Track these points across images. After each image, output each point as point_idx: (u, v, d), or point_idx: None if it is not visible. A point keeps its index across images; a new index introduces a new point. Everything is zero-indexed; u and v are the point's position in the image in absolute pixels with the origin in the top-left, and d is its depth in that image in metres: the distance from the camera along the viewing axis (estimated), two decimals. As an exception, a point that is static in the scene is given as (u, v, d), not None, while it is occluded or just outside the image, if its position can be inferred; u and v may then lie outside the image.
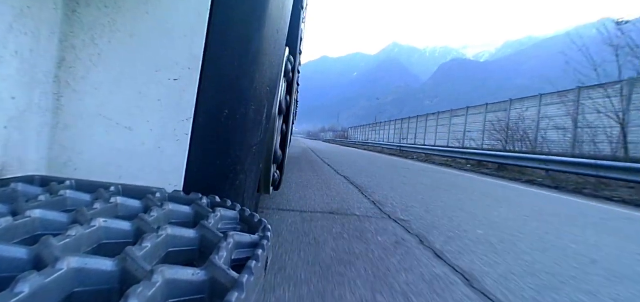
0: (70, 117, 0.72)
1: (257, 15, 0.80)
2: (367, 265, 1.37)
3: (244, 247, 0.47)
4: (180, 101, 0.74)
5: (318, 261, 1.37)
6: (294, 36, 1.48)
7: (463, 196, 3.72)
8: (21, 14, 0.62)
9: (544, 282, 1.37)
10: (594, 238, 2.29)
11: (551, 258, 1.71)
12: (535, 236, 2.15)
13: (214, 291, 0.35)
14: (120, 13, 0.72)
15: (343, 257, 1.43)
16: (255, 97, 0.83)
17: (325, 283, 1.17)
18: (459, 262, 1.50)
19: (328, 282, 1.17)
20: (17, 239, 0.40)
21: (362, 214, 2.33)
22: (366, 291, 1.13)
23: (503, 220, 2.58)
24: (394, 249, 1.61)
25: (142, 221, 0.47)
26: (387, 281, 1.23)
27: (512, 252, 1.74)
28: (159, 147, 0.74)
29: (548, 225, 2.57)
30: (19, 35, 0.62)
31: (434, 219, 2.36)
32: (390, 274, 1.30)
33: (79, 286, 0.32)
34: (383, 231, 1.93)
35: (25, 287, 0.27)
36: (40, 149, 0.70)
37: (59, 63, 0.71)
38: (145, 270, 0.33)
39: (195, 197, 0.64)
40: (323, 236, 1.73)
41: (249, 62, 0.79)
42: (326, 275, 1.24)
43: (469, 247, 1.75)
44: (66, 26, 0.71)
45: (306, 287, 1.12)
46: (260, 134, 0.91)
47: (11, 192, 0.54)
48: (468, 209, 2.92)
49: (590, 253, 1.88)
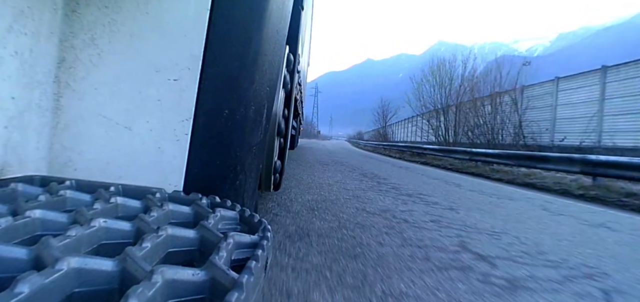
0: (70, 117, 0.72)
1: (257, 15, 0.80)
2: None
3: (243, 248, 0.47)
4: (180, 101, 0.74)
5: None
6: (294, 36, 1.48)
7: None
8: (21, 14, 0.62)
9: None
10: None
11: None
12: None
13: (213, 291, 0.35)
14: (120, 13, 0.72)
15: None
16: (255, 97, 0.83)
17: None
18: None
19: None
20: (17, 239, 0.40)
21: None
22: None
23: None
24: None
25: (142, 221, 0.47)
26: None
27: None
28: (158, 147, 0.74)
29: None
30: (19, 35, 0.62)
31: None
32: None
33: (79, 286, 0.32)
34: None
35: (25, 287, 0.27)
36: (40, 149, 0.70)
37: (59, 63, 0.71)
38: (145, 270, 0.33)
39: (195, 197, 0.64)
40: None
41: (249, 62, 0.79)
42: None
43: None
44: (66, 26, 0.71)
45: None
46: (260, 134, 0.91)
47: (11, 192, 0.54)
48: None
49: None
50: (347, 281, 1.18)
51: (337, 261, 1.36)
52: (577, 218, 2.80)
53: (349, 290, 1.11)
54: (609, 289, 1.29)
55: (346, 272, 1.26)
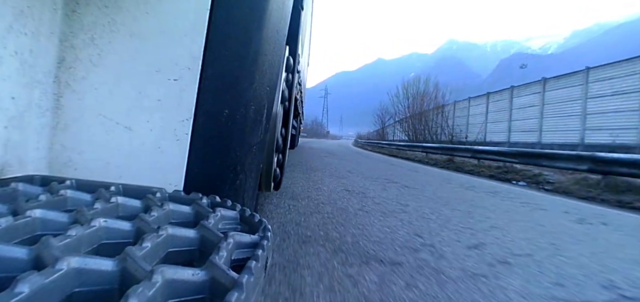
0: (70, 117, 0.72)
1: (257, 15, 0.79)
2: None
3: (244, 247, 0.47)
4: (180, 101, 0.74)
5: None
6: (294, 36, 1.48)
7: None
8: (21, 14, 0.62)
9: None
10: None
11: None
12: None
13: (214, 291, 0.35)
14: (120, 13, 0.72)
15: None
16: (255, 98, 0.83)
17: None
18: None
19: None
20: (17, 239, 0.40)
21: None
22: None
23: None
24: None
25: (142, 221, 0.47)
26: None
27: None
28: (159, 147, 0.74)
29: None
30: (19, 35, 0.62)
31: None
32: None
33: (79, 286, 0.32)
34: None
35: (25, 287, 0.27)
36: (40, 149, 0.70)
37: (59, 63, 0.71)
38: (145, 270, 0.33)
39: (195, 197, 0.64)
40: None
41: (249, 62, 0.79)
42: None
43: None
44: (66, 26, 0.71)
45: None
46: (260, 134, 0.91)
47: (11, 192, 0.54)
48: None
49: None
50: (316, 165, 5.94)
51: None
52: (416, 171, 6.45)
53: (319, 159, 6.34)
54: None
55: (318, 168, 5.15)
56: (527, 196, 4.05)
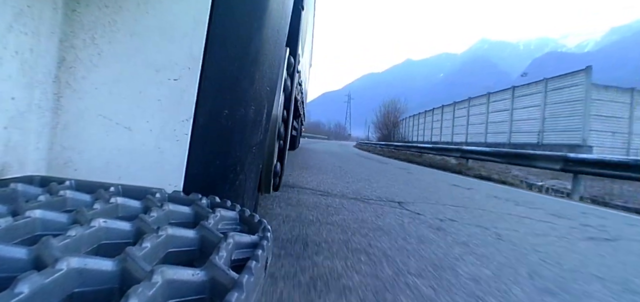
0: (70, 117, 0.72)
1: (257, 15, 0.79)
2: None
3: (243, 248, 0.47)
4: (180, 101, 0.74)
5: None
6: (295, 36, 1.48)
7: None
8: (21, 14, 0.62)
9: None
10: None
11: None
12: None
13: (213, 291, 0.35)
14: (120, 13, 0.72)
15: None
16: (255, 98, 0.83)
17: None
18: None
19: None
20: (17, 239, 0.40)
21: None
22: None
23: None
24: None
25: (142, 221, 0.47)
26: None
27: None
28: (158, 148, 0.74)
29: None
30: (19, 35, 0.62)
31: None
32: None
33: (79, 286, 0.32)
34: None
35: (25, 287, 0.27)
36: (40, 149, 0.70)
37: (59, 63, 0.71)
38: (145, 270, 0.33)
39: (195, 197, 0.64)
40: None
41: (249, 63, 0.79)
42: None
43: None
44: (66, 26, 0.71)
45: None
46: (260, 134, 0.91)
47: (11, 192, 0.54)
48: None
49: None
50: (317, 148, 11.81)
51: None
52: (384, 164, 9.07)
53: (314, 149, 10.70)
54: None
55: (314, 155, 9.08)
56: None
